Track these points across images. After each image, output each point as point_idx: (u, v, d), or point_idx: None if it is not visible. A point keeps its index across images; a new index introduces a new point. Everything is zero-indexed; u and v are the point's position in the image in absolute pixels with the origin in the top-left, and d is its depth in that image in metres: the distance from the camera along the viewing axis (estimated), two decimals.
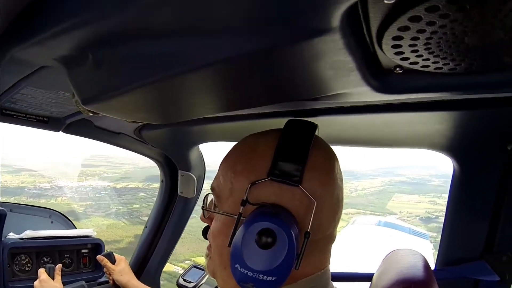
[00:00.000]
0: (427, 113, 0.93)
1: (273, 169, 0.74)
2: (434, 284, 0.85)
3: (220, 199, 0.84)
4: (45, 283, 1.67)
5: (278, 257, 0.68)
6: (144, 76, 0.62)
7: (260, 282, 0.69)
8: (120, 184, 31.28)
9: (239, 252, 0.70)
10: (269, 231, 0.68)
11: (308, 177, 0.75)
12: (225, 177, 0.83)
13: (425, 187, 38.02)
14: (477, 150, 1.13)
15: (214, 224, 0.84)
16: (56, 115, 1.52)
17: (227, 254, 0.76)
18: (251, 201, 0.75)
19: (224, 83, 0.66)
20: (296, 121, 0.80)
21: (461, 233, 1.20)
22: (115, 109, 0.86)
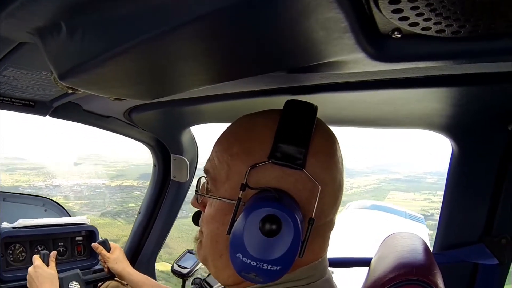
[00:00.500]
0: (425, 89, 0.89)
1: (274, 151, 0.70)
2: (436, 267, 0.82)
3: (215, 182, 0.79)
4: (40, 269, 1.64)
5: (284, 245, 0.65)
6: (120, 41, 0.57)
7: (263, 271, 0.67)
8: (114, 182, 31.45)
9: (241, 240, 0.66)
10: (274, 218, 0.64)
11: (312, 161, 0.72)
12: (220, 160, 0.78)
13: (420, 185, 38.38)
14: (476, 130, 1.10)
15: (208, 210, 0.80)
16: (42, 98, 1.48)
17: (223, 242, 0.74)
18: (250, 185, 0.71)
19: (209, 46, 0.61)
20: (296, 102, 0.76)
21: (459, 216, 1.18)
22: (94, 84, 0.80)
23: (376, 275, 0.84)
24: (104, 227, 21.94)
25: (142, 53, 0.60)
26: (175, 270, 1.99)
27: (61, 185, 31.89)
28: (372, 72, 0.85)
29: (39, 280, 1.61)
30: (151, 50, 0.59)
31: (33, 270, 1.64)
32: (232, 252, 0.68)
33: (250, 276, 0.68)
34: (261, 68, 0.75)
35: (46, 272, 1.65)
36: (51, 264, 1.71)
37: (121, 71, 0.70)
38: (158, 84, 0.83)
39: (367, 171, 52.43)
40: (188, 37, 0.54)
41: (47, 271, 1.66)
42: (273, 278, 0.68)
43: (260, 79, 0.99)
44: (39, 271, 1.64)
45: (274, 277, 0.68)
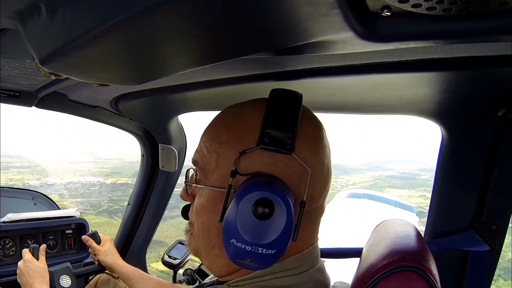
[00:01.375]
0: (415, 74, 0.88)
1: (262, 137, 0.71)
2: (429, 253, 0.81)
3: (205, 172, 0.79)
4: (30, 263, 1.62)
5: (277, 228, 0.65)
6: (100, 21, 0.55)
7: (259, 256, 0.66)
8: (109, 179, 31.24)
9: (234, 225, 0.66)
10: (266, 201, 0.65)
11: (300, 146, 0.72)
12: (209, 149, 0.79)
13: (415, 181, 38.68)
14: (466, 116, 1.08)
15: (198, 201, 0.80)
16: (27, 88, 1.45)
17: (215, 232, 0.75)
18: (240, 172, 0.72)
19: (192, 25, 0.58)
20: (281, 90, 0.76)
21: (449, 203, 1.17)
22: (76, 68, 0.78)
23: (369, 263, 0.82)
24: (101, 226, 22.08)
25: (123, 33, 0.58)
26: (166, 261, 1.98)
27: (55, 183, 31.78)
28: (361, 56, 0.83)
29: (29, 274, 1.59)
30: (132, 29, 0.57)
31: (23, 264, 1.62)
32: (225, 239, 0.67)
33: (245, 263, 0.68)
34: (246, 48, 0.73)
35: (36, 266, 1.62)
36: (41, 258, 1.68)
37: (103, 53, 0.68)
38: (142, 67, 0.81)
39: (362, 168, 52.77)
40: (169, 15, 0.52)
41: (37, 265, 1.63)
42: (268, 263, 0.68)
43: (246, 63, 0.98)
44: (29, 265, 1.61)
45: (268, 262, 0.68)
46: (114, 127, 2.10)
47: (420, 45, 0.67)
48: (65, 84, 1.31)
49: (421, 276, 0.72)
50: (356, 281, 0.83)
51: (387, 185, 40.15)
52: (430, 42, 0.63)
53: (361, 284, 0.78)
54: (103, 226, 22.52)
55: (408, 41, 0.61)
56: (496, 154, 1.07)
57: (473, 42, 0.69)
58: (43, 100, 1.61)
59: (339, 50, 0.73)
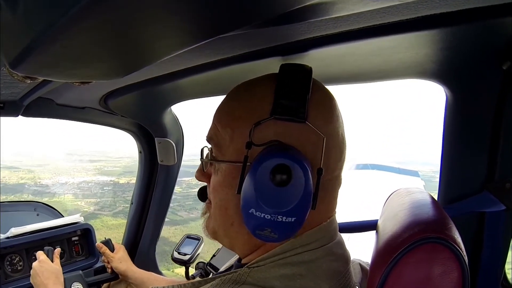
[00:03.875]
0: (415, 34, 0.84)
1: (276, 107, 0.71)
2: (449, 221, 0.77)
3: (220, 148, 0.79)
4: (45, 263, 1.61)
5: (296, 194, 0.65)
6: (67, 6, 0.47)
7: (279, 224, 0.67)
8: (122, 179, 31.06)
9: (252, 194, 0.66)
10: (283, 167, 0.65)
11: (313, 114, 0.72)
12: (223, 124, 0.79)
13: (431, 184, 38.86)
14: (469, 73, 1.04)
15: (215, 178, 0.80)
16: (10, 97, 1.40)
17: (233, 207, 0.75)
18: (255, 143, 0.72)
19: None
20: (291, 65, 0.76)
21: (460, 165, 1.13)
22: (49, 67, 0.72)
23: (388, 237, 0.78)
24: (119, 229, 21.52)
25: (93, 19, 0.50)
26: (176, 258, 1.93)
27: (67, 182, 31.62)
28: (358, 19, 0.79)
29: (44, 275, 1.58)
30: (102, 14, 0.49)
31: (38, 265, 1.61)
32: (244, 209, 0.68)
33: (264, 234, 0.68)
34: (238, 20, 0.66)
35: (52, 267, 1.62)
36: (55, 260, 1.68)
37: (74, 46, 0.61)
38: (122, 56, 0.74)
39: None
40: None
41: (53, 266, 1.63)
42: (288, 232, 0.68)
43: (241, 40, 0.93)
44: (45, 266, 1.61)
45: (289, 231, 0.68)
46: (107, 126, 2.06)
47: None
48: (49, 88, 1.26)
49: (446, 247, 0.69)
50: (377, 256, 0.79)
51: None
52: None
53: (383, 260, 0.74)
54: (121, 228, 21.74)
55: None
56: (503, 110, 1.02)
57: None
58: (29, 108, 1.56)
59: (338, 12, 0.68)
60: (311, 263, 0.73)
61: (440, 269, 0.68)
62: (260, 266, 0.74)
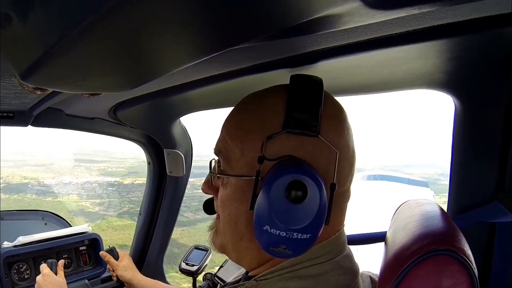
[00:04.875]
0: (422, 44, 0.83)
1: (288, 121, 0.69)
2: (459, 233, 0.76)
3: (229, 161, 0.77)
4: (48, 277, 1.60)
5: (312, 211, 0.64)
6: (77, 19, 0.48)
7: (294, 241, 0.66)
8: (127, 179, 30.94)
9: (267, 211, 0.65)
10: (299, 183, 0.63)
11: (325, 128, 0.71)
12: (233, 137, 0.77)
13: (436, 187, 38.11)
14: (478, 82, 1.03)
15: (224, 192, 0.78)
16: (20, 107, 1.42)
17: (243, 222, 0.74)
18: (268, 157, 0.70)
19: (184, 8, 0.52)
20: (301, 76, 0.75)
21: (470, 175, 1.11)
22: (59, 79, 0.73)
23: (397, 248, 0.78)
24: (125, 230, 21.56)
25: (101, 32, 0.51)
26: (184, 269, 1.92)
27: (71, 182, 31.58)
28: (366, 30, 0.79)
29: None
30: (111, 27, 0.50)
31: (42, 278, 1.60)
32: (258, 226, 0.66)
33: (279, 250, 0.67)
34: (248, 33, 0.67)
35: (55, 280, 1.61)
36: (59, 273, 1.66)
37: (84, 59, 0.62)
38: (132, 69, 0.75)
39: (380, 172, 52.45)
40: (151, 3, 0.46)
41: (56, 279, 1.62)
42: (302, 249, 0.67)
43: (248, 53, 0.93)
44: (48, 279, 1.60)
45: (303, 247, 0.67)
46: (116, 137, 2.07)
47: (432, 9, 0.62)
48: (58, 98, 1.27)
49: (455, 259, 0.68)
50: (386, 268, 0.78)
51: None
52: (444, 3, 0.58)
53: (392, 272, 0.73)
54: (127, 229, 21.67)
55: (418, 5, 0.56)
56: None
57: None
58: (39, 118, 1.57)
59: (345, 24, 0.68)
60: (319, 276, 0.72)
61: (449, 282, 0.67)
62: (268, 280, 0.73)
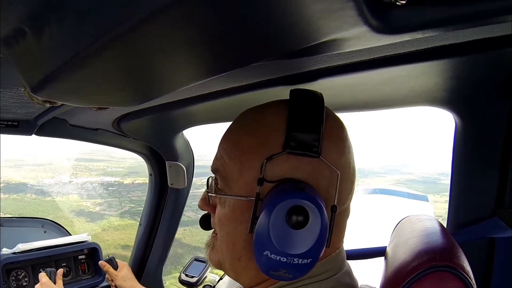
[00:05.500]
0: (425, 63, 0.84)
1: (288, 141, 0.67)
2: (458, 249, 0.77)
3: (227, 181, 0.75)
4: (47, 286, 1.61)
5: (313, 236, 0.63)
6: (90, 39, 0.50)
7: (294, 266, 0.64)
8: (127, 179, 30.68)
9: (267, 237, 0.63)
10: (300, 209, 0.62)
11: (327, 147, 0.69)
12: (231, 156, 0.74)
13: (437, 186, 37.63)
14: (479, 101, 1.04)
15: (221, 211, 0.76)
16: (25, 117, 1.43)
17: (241, 243, 0.72)
18: (267, 178, 0.68)
19: (192, 33, 0.54)
20: (302, 91, 0.74)
21: (469, 191, 1.13)
22: (70, 93, 0.74)
23: (397, 264, 0.79)
24: (127, 229, 21.33)
25: (115, 51, 0.53)
26: (183, 280, 1.93)
27: (71, 182, 31.26)
28: (370, 50, 0.79)
29: None
30: (125, 47, 0.52)
31: (40, 287, 1.60)
32: (257, 251, 0.65)
33: (279, 274, 0.66)
34: (255, 55, 0.68)
35: None
36: (58, 282, 1.67)
37: (96, 75, 0.63)
38: (140, 86, 0.76)
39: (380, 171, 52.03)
40: (165, 25, 0.47)
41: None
42: (303, 272, 0.66)
43: (250, 71, 0.94)
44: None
45: (304, 271, 0.66)
46: (119, 148, 2.07)
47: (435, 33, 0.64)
48: (64, 109, 1.28)
49: (454, 275, 0.69)
50: (386, 283, 0.79)
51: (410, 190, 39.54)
52: (447, 28, 0.60)
53: (392, 287, 0.75)
54: (128, 229, 21.27)
55: (423, 30, 0.57)
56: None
57: (489, 24, 0.66)
58: (43, 127, 1.59)
59: (351, 47, 0.69)
60: None
61: None
62: None
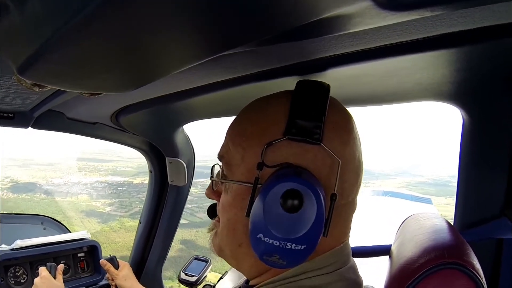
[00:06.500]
0: (432, 53, 0.80)
1: (290, 127, 0.68)
2: (467, 246, 0.74)
3: (230, 167, 0.76)
4: (46, 280, 1.60)
5: (307, 221, 0.62)
6: (71, 12, 0.46)
7: (287, 252, 0.63)
8: (136, 179, 30.77)
9: (261, 219, 0.63)
10: (295, 192, 0.61)
11: (329, 136, 0.69)
12: (235, 143, 0.76)
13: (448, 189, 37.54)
14: (487, 95, 1.01)
15: (225, 197, 0.77)
16: (21, 108, 1.40)
17: (242, 229, 0.73)
18: (267, 164, 0.69)
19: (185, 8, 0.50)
20: (307, 81, 0.73)
21: (477, 190, 1.10)
22: (57, 75, 0.71)
23: (403, 262, 0.76)
24: None
25: (99, 25, 0.49)
26: (183, 279, 1.91)
27: (80, 182, 31.47)
28: (375, 37, 0.76)
29: None
30: (109, 20, 0.48)
31: (40, 281, 1.59)
32: (252, 233, 0.65)
33: (272, 260, 0.65)
34: (253, 31, 0.64)
35: (53, 283, 1.60)
36: (58, 277, 1.66)
37: (83, 54, 0.60)
38: (130, 69, 0.73)
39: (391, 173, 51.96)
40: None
41: (54, 283, 1.61)
42: (297, 260, 0.65)
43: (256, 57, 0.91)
44: (46, 282, 1.59)
45: (298, 259, 0.65)
46: (118, 143, 2.05)
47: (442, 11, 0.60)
48: (59, 100, 1.26)
49: (464, 273, 0.67)
50: (392, 281, 0.77)
51: (422, 192, 39.38)
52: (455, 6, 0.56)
53: (398, 286, 0.72)
54: None
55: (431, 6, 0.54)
56: None
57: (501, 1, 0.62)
58: (40, 120, 1.56)
59: (355, 26, 0.65)
60: (323, 287, 0.70)
61: None
62: None
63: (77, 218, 22.04)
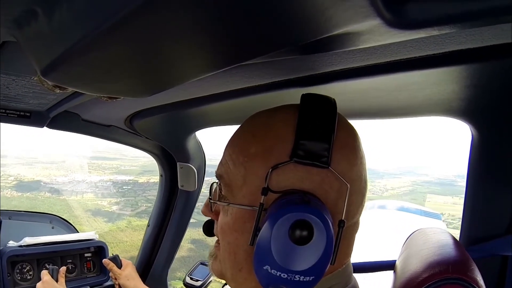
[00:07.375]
0: (442, 69, 0.81)
1: (296, 149, 0.64)
2: (472, 263, 0.75)
3: (231, 188, 0.72)
4: (48, 284, 1.61)
5: (317, 253, 0.59)
6: (98, 21, 0.49)
7: (295, 283, 0.60)
8: (141, 178, 30.67)
9: (268, 251, 0.60)
10: (305, 223, 0.58)
11: (337, 158, 0.65)
12: (235, 162, 0.71)
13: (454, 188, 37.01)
14: (497, 112, 1.02)
15: (224, 219, 0.73)
16: (37, 108, 1.43)
17: (243, 254, 0.69)
18: (272, 188, 0.65)
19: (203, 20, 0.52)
20: (313, 96, 0.70)
21: (484, 207, 1.10)
22: (79, 78, 0.73)
23: (407, 276, 0.76)
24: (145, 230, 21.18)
25: (125, 34, 0.52)
26: (188, 283, 1.92)
27: (85, 180, 31.38)
28: (385, 52, 0.78)
29: None
30: (134, 29, 0.50)
31: (42, 285, 1.61)
32: (257, 264, 0.61)
33: None
34: (266, 45, 0.65)
35: (55, 287, 1.61)
36: (60, 280, 1.67)
37: (104, 59, 0.62)
38: (149, 75, 0.75)
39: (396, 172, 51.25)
40: (174, 7, 0.46)
41: (56, 286, 1.62)
42: None
43: (266, 69, 0.93)
44: (48, 287, 1.60)
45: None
46: (130, 146, 2.07)
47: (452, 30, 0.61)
48: (76, 102, 1.28)
49: None
50: None
51: (427, 191, 38.77)
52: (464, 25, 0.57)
53: None
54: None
55: (440, 25, 0.55)
56: None
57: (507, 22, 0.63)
58: (55, 120, 1.59)
59: (364, 43, 0.66)
60: None
61: None
62: None
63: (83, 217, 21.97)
